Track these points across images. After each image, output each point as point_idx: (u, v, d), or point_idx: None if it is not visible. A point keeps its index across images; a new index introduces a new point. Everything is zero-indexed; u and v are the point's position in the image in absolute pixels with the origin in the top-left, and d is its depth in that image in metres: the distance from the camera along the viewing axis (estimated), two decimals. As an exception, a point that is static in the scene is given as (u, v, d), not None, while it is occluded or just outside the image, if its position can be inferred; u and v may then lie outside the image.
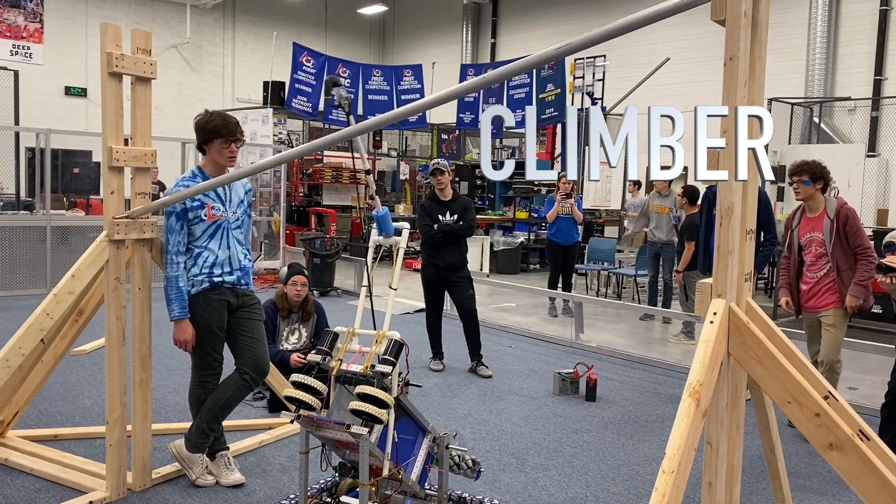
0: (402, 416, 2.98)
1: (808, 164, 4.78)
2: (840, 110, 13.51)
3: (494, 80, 2.33)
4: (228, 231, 3.71)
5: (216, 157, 3.65)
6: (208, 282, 3.65)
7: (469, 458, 3.23)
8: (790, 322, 9.07)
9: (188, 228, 3.62)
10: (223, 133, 3.60)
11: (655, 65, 13.58)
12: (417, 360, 6.56)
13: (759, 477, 4.12)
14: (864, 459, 1.98)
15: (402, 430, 2.98)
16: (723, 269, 2.15)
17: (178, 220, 3.58)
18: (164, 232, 3.64)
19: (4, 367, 3.31)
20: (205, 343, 3.71)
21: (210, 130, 3.62)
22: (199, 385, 3.78)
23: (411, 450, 3.04)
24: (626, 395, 5.78)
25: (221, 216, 3.67)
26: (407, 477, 2.96)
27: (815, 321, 4.94)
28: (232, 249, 3.72)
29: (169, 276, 3.62)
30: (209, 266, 3.64)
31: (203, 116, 3.70)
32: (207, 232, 3.65)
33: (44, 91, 16.42)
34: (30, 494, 3.59)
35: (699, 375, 2.02)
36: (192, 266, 3.65)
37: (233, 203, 3.75)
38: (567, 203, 8.83)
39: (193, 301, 3.65)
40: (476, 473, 3.24)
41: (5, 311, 8.04)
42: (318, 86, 13.02)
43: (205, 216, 3.61)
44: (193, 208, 3.58)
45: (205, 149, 3.68)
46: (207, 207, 3.61)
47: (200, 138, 3.67)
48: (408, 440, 3.03)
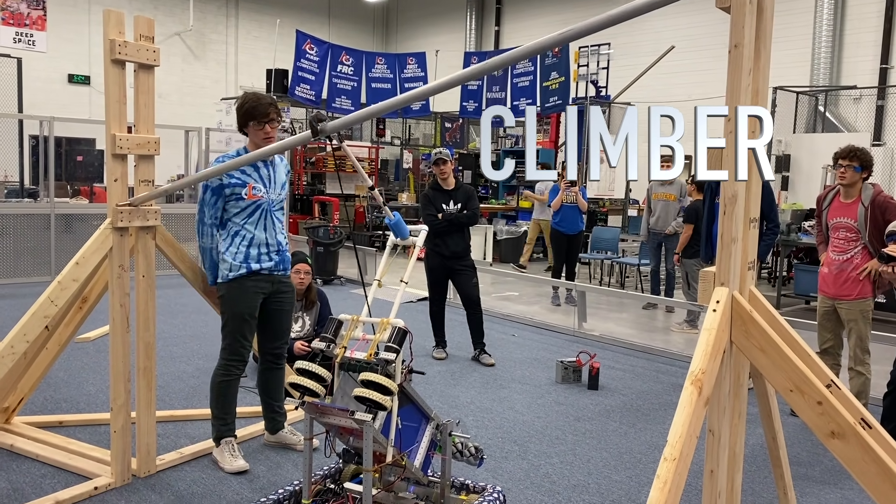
0: (406, 404, 2.99)
1: (859, 151, 4.70)
2: (845, 99, 13.43)
3: (497, 66, 2.31)
4: (269, 213, 3.74)
5: (254, 139, 3.71)
6: (245, 268, 3.68)
7: (472, 446, 3.23)
8: (793, 311, 9.07)
9: (226, 205, 3.67)
10: (256, 115, 3.64)
11: (660, 53, 13.52)
12: (420, 348, 6.57)
13: (760, 465, 4.13)
14: (865, 448, 1.99)
15: (406, 418, 2.99)
16: (726, 257, 2.15)
17: (212, 194, 3.64)
18: (199, 203, 3.72)
19: (9, 353, 3.33)
20: (235, 329, 3.75)
21: (245, 113, 3.67)
22: (224, 368, 3.80)
23: (415, 437, 3.05)
24: (628, 383, 5.79)
25: (262, 197, 3.70)
26: (410, 463, 2.98)
27: (830, 308, 4.87)
28: (269, 231, 3.75)
29: (201, 247, 3.78)
30: (246, 246, 3.67)
31: (239, 99, 3.76)
32: (247, 211, 3.68)
33: (47, 79, 16.40)
34: (35, 480, 3.61)
35: (701, 364, 2.03)
36: (230, 245, 3.68)
37: (276, 186, 3.78)
38: (572, 191, 8.81)
39: (229, 286, 3.69)
40: (479, 461, 3.25)
41: (10, 298, 8.08)
42: (322, 74, 12.97)
43: (245, 195, 3.64)
44: (232, 185, 3.62)
45: (244, 131, 3.72)
46: (248, 187, 3.64)
47: (238, 121, 3.73)
48: (411, 427, 3.04)
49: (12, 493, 3.47)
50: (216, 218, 3.70)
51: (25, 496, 3.42)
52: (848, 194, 4.81)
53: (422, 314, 7.88)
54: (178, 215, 10.32)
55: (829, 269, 4.85)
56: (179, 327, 7.08)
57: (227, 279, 3.69)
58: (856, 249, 4.71)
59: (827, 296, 4.88)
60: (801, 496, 3.77)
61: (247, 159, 3.29)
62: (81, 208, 10.03)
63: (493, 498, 3.21)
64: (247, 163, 3.43)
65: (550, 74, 12.61)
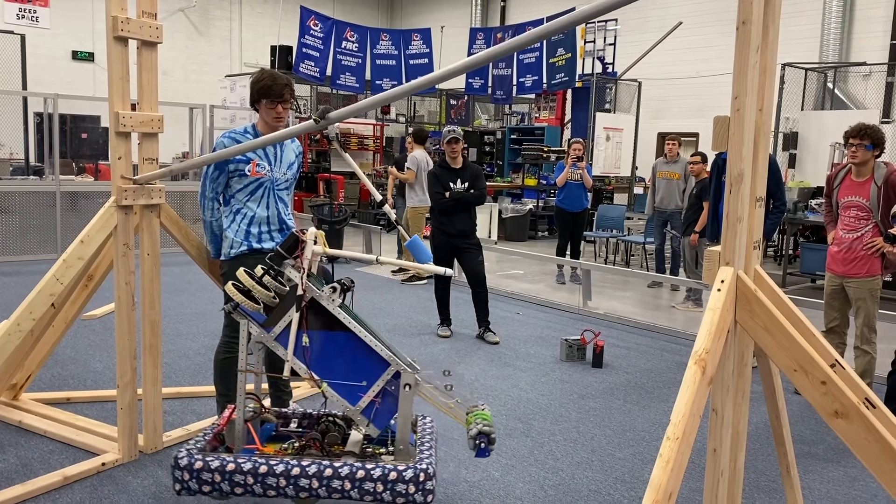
0: (335, 328, 2.90)
1: (871, 129, 4.65)
2: (855, 76, 13.29)
3: (505, 52, 2.28)
4: (272, 191, 3.72)
5: (264, 117, 3.68)
6: (247, 246, 3.68)
7: (478, 430, 2.82)
8: (799, 289, 9.06)
9: (230, 181, 3.66)
10: (270, 94, 3.60)
11: (667, 29, 13.38)
12: (426, 326, 6.59)
13: (764, 443, 4.15)
14: (869, 427, 1.99)
15: (338, 348, 2.90)
16: (731, 236, 2.14)
17: (215, 168, 3.63)
18: (202, 177, 3.71)
19: (16, 331, 3.34)
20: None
21: (259, 90, 3.62)
22: (226, 345, 3.81)
23: (358, 372, 2.89)
24: (632, 361, 5.80)
25: (265, 175, 3.68)
26: (330, 391, 2.84)
27: (838, 287, 4.85)
28: (272, 210, 3.73)
29: (203, 220, 3.78)
30: (247, 224, 3.67)
31: (256, 74, 3.71)
32: (249, 188, 3.66)
33: (51, 55, 16.35)
34: (43, 455, 3.65)
35: (705, 343, 2.02)
36: (231, 222, 3.68)
37: (282, 165, 3.76)
38: (578, 168, 8.77)
39: (231, 263, 3.69)
40: (477, 450, 2.83)
41: (16, 275, 8.11)
42: (326, 51, 12.90)
43: (248, 171, 3.62)
44: (236, 161, 3.61)
45: (256, 107, 3.70)
46: (252, 164, 3.63)
47: (251, 96, 3.68)
48: (351, 360, 2.90)
49: (21, 468, 3.51)
50: (217, 192, 3.69)
51: (34, 471, 3.46)
52: (860, 173, 4.77)
53: (427, 292, 7.90)
54: (184, 193, 10.33)
55: (839, 248, 4.83)
56: (185, 305, 7.11)
57: (229, 256, 3.69)
58: (866, 228, 4.69)
59: (835, 274, 4.86)
60: (803, 474, 3.79)
61: (251, 146, 3.27)
62: (87, 186, 10.04)
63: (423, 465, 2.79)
64: (251, 149, 3.41)
65: (557, 51, 12.52)
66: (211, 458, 2.75)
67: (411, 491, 2.64)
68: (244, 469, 2.70)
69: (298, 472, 2.68)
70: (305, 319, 2.93)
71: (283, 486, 2.69)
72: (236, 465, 2.72)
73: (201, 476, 2.71)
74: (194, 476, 2.72)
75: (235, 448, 2.91)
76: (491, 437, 2.82)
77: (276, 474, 2.68)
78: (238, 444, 2.91)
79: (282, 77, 3.70)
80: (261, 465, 2.71)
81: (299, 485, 2.69)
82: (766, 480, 3.72)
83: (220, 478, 2.71)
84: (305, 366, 2.93)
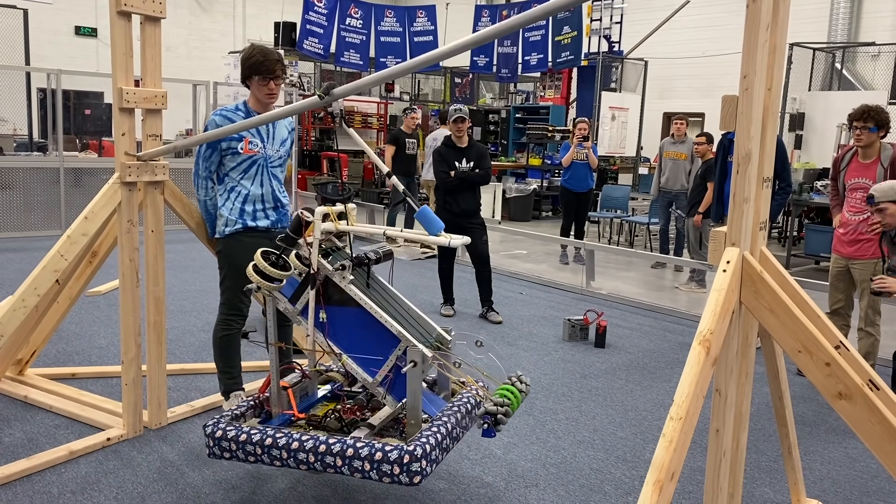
0: (350, 305, 2.95)
1: (873, 111, 4.64)
2: (863, 56, 13.17)
3: (510, 28, 2.25)
4: (265, 168, 3.71)
5: (256, 93, 3.64)
6: (241, 224, 3.66)
7: (485, 409, 2.67)
8: (803, 271, 9.04)
9: (223, 160, 3.64)
10: (261, 70, 3.57)
11: (675, 7, 13.24)
12: (429, 305, 6.60)
13: (766, 423, 4.16)
14: (872, 409, 1.99)
15: (356, 322, 2.97)
16: (737, 217, 2.13)
17: (207, 147, 3.61)
18: (195, 156, 3.70)
19: (20, 306, 3.35)
20: (234, 284, 3.73)
21: (250, 66, 3.58)
22: (223, 323, 3.81)
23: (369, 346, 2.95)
24: (635, 342, 5.81)
25: (258, 152, 3.66)
26: (351, 363, 2.95)
27: (844, 269, 4.85)
28: (266, 187, 3.72)
29: (198, 199, 3.79)
30: (241, 202, 3.65)
31: (246, 50, 3.67)
32: (242, 166, 3.64)
33: (53, 31, 16.24)
34: (49, 430, 3.68)
35: (710, 324, 2.02)
36: (226, 201, 3.67)
37: (275, 142, 3.73)
38: (584, 147, 8.73)
39: (226, 241, 3.69)
40: (484, 430, 2.68)
41: (21, 251, 8.13)
42: (330, 27, 12.78)
43: (241, 149, 3.60)
44: (228, 138, 3.58)
45: (248, 84, 3.66)
46: (245, 141, 3.60)
47: (242, 73, 3.65)
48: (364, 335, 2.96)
49: (27, 442, 3.54)
50: (210, 171, 3.68)
51: (40, 446, 3.48)
52: (866, 155, 4.76)
53: (430, 271, 7.90)
54: (187, 170, 10.30)
55: (845, 229, 4.82)
56: (189, 282, 7.13)
57: (224, 234, 3.68)
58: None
59: (841, 255, 4.85)
60: (805, 454, 3.80)
61: (249, 124, 3.25)
62: (90, 162, 10.02)
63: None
64: (248, 127, 3.38)
65: (562, 29, 12.41)
66: (230, 428, 2.93)
67: (396, 472, 2.61)
68: (254, 440, 2.86)
69: (297, 447, 2.78)
70: (322, 296, 2.99)
71: (286, 458, 2.81)
72: (247, 436, 2.88)
73: (220, 444, 2.94)
74: (216, 443, 2.95)
75: (274, 413, 3.09)
76: (497, 418, 2.66)
77: (279, 447, 2.81)
78: (276, 410, 3.10)
79: (273, 52, 3.65)
80: (266, 438, 2.84)
81: (298, 458, 2.79)
82: (767, 461, 3.73)
83: (235, 446, 2.90)
84: (325, 340, 3.03)
